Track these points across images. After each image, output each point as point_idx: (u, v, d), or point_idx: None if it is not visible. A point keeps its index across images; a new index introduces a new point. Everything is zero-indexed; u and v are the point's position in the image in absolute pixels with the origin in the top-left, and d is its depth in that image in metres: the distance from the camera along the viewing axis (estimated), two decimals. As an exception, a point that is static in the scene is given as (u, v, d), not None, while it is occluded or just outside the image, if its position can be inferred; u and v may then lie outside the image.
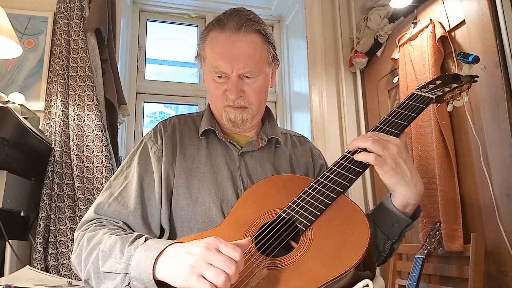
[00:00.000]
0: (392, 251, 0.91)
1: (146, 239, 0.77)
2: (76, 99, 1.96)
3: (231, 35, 0.92)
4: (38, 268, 1.68)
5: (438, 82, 1.00)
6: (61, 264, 1.75)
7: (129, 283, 0.73)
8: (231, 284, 0.64)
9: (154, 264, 0.70)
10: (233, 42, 0.92)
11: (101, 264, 0.77)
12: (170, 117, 1.08)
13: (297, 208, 0.79)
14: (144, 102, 2.71)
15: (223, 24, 0.94)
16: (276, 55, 1.01)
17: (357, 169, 0.82)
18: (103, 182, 1.86)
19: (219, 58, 0.93)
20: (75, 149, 1.88)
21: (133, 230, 0.87)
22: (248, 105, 0.97)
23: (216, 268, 0.64)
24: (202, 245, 0.67)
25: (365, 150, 0.82)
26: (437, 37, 1.77)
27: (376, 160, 0.79)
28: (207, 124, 1.01)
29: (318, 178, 0.85)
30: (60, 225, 1.80)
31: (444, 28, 1.78)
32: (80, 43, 2.02)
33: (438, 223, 1.65)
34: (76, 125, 1.92)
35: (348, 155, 0.86)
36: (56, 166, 1.86)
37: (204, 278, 0.63)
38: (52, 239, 1.78)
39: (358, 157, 0.82)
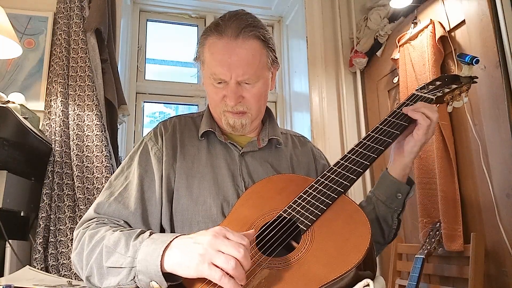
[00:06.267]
0: (400, 223, 0.98)
1: (151, 234, 0.77)
2: (76, 99, 1.96)
3: (230, 42, 0.91)
4: (38, 268, 1.68)
5: (438, 83, 1.01)
6: (61, 264, 1.75)
7: (134, 277, 0.73)
8: (245, 269, 0.64)
9: (162, 256, 0.70)
10: (231, 49, 0.91)
11: (105, 260, 0.76)
12: (170, 117, 1.07)
13: (298, 208, 0.79)
14: (144, 102, 2.70)
15: (221, 30, 0.92)
16: (276, 58, 1.00)
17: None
18: (103, 182, 1.86)
19: (217, 65, 0.92)
20: (75, 149, 1.87)
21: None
22: (247, 110, 0.97)
23: (226, 254, 0.64)
24: (209, 234, 0.68)
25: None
26: (437, 37, 1.77)
27: (428, 128, 0.89)
28: (207, 126, 1.01)
29: (318, 177, 0.85)
30: (60, 225, 1.79)
31: (444, 28, 1.78)
32: (80, 43, 2.02)
33: (438, 223, 1.65)
34: (76, 125, 1.92)
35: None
36: (56, 166, 1.85)
37: (215, 265, 0.64)
38: (52, 239, 1.77)
39: (415, 115, 0.90)
